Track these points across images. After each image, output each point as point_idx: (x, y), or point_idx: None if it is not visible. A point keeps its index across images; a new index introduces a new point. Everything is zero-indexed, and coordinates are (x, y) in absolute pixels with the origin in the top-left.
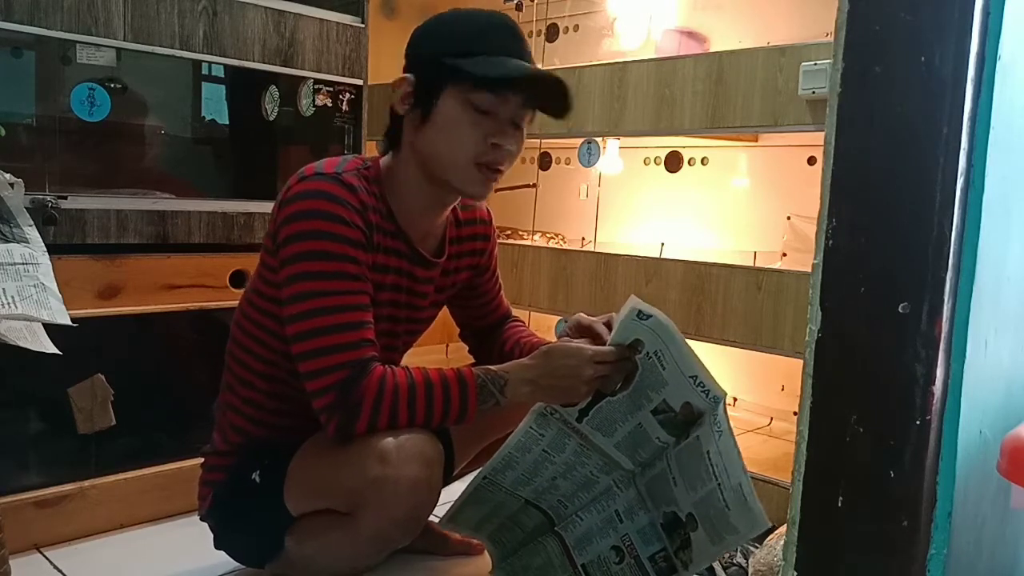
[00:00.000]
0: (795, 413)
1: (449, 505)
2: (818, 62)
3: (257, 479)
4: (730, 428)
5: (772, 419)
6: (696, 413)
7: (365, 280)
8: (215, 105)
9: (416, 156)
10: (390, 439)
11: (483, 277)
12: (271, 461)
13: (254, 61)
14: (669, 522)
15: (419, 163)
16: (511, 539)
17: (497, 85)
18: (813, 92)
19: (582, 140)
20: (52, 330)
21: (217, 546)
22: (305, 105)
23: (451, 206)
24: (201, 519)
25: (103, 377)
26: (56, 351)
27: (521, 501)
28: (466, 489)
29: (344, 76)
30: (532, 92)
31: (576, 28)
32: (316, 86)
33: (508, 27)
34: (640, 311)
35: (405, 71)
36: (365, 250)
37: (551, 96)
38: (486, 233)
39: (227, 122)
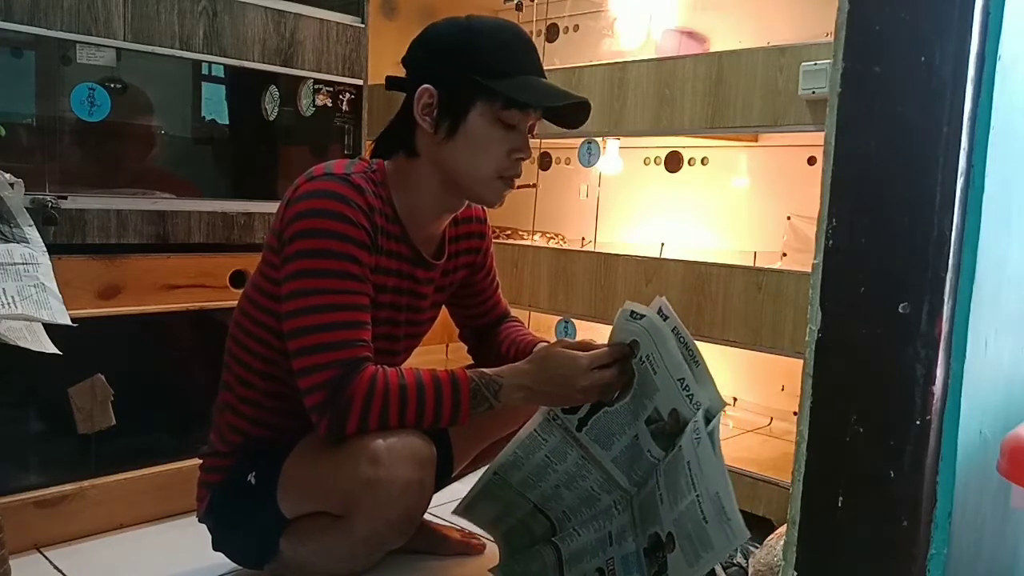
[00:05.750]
0: (795, 413)
1: (445, 505)
2: (818, 62)
3: (253, 481)
4: (710, 435)
5: (772, 419)
6: (682, 423)
7: (366, 281)
8: (215, 105)
9: (437, 166)
10: (382, 440)
11: (479, 275)
12: (267, 463)
13: (254, 61)
14: (652, 545)
15: (438, 173)
16: (520, 544)
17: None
18: (813, 92)
19: (582, 140)
20: (52, 330)
21: (215, 547)
22: (305, 105)
23: (458, 211)
24: (199, 520)
25: (103, 377)
26: (56, 351)
27: (530, 505)
28: (478, 482)
29: (344, 76)
30: (558, 108)
31: (576, 28)
32: (316, 86)
33: (525, 40)
34: (633, 311)
35: (416, 79)
36: (369, 251)
37: (576, 113)
38: (481, 231)
39: (227, 122)
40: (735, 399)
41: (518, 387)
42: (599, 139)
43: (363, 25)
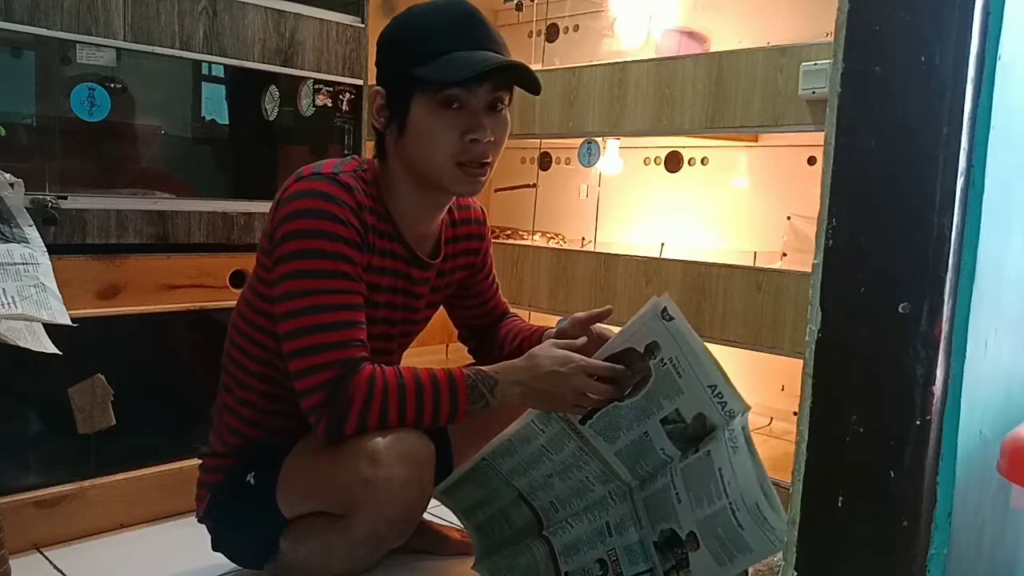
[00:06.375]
0: (795, 413)
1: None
2: (818, 62)
3: (252, 481)
4: (748, 444)
5: (772, 419)
6: (708, 427)
7: (359, 280)
8: (215, 105)
9: (403, 166)
10: (381, 439)
11: (478, 276)
12: (266, 463)
13: (254, 61)
14: (665, 540)
15: (407, 172)
16: (498, 534)
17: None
18: (813, 92)
19: (582, 140)
20: (52, 330)
21: (215, 548)
22: (305, 105)
23: (446, 207)
24: (199, 520)
25: (103, 377)
26: (56, 351)
27: (515, 493)
28: (464, 465)
29: (344, 76)
30: (496, 77)
31: (576, 28)
32: (316, 86)
33: (459, 15)
34: (665, 309)
35: (376, 81)
36: (360, 250)
37: (516, 76)
38: (480, 232)
39: (227, 122)
40: None
41: (513, 383)
42: (599, 139)
43: (363, 25)
